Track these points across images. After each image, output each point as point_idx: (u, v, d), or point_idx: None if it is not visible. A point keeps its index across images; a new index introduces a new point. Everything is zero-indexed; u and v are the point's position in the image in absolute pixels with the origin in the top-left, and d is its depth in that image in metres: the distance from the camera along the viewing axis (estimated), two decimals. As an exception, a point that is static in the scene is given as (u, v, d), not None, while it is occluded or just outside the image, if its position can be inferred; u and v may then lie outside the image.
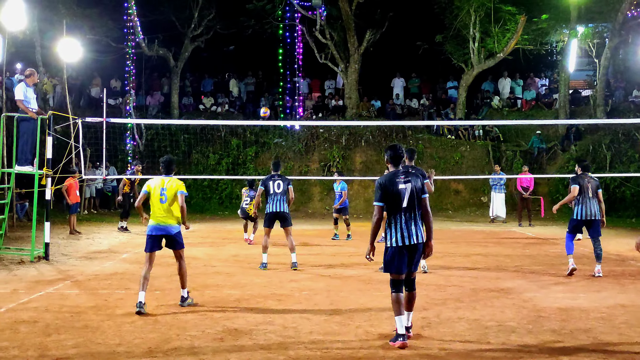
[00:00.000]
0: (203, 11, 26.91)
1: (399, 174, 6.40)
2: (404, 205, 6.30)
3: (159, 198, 7.95)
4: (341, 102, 27.64)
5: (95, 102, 26.62)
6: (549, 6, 25.02)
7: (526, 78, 28.45)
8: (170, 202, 7.94)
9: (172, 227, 7.97)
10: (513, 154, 24.96)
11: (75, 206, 16.45)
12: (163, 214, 7.93)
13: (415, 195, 6.36)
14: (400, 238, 6.28)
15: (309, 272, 10.66)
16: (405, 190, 6.31)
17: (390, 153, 6.54)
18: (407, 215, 6.31)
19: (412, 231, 6.30)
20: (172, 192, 7.97)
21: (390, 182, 6.34)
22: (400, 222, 6.30)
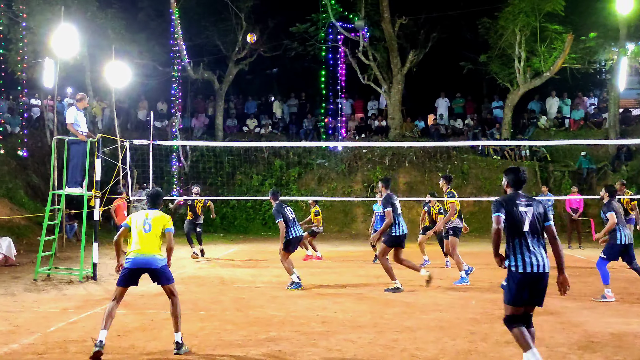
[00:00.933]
0: (247, 35, 27.30)
1: (519, 197, 5.93)
2: (526, 230, 5.75)
3: (142, 227, 7.03)
4: (384, 122, 27.58)
5: (142, 124, 27.21)
6: (597, 24, 24.55)
7: (574, 97, 27.90)
8: (155, 233, 7.02)
9: (156, 258, 6.98)
10: (561, 174, 24.44)
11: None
12: (146, 244, 6.98)
13: (538, 221, 5.81)
14: (521, 265, 5.69)
15: (353, 294, 10.56)
16: (526, 213, 5.81)
17: (511, 176, 6.08)
18: (529, 241, 5.75)
19: (535, 259, 5.69)
20: (159, 223, 7.06)
21: (511, 202, 5.86)
22: (522, 248, 5.73)
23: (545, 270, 5.67)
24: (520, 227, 5.76)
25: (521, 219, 5.77)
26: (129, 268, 6.96)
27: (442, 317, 8.68)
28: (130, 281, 7.03)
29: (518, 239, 5.76)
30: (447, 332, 7.71)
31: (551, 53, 24.60)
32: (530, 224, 5.76)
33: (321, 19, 26.67)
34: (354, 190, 24.70)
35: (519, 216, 5.78)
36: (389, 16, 26.02)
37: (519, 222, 5.77)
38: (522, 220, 5.77)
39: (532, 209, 5.82)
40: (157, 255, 7.00)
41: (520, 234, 5.76)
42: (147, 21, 27.14)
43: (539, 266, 5.65)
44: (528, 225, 5.75)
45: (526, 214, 5.79)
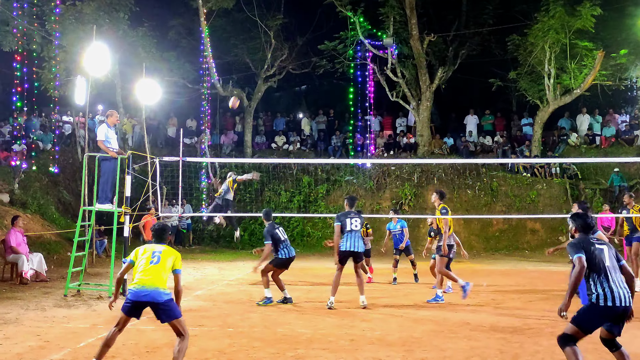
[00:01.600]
0: (276, 52, 27.57)
1: (591, 238, 6.08)
2: (608, 264, 5.90)
3: (149, 260, 6.56)
4: (413, 139, 27.51)
5: (171, 141, 27.54)
6: (627, 41, 24.26)
7: (605, 114, 27.53)
8: (163, 266, 6.53)
9: (160, 292, 6.41)
10: (592, 192, 24.07)
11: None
12: (151, 275, 6.46)
13: (615, 258, 6.01)
14: (610, 299, 5.77)
15: (382, 312, 10.48)
16: (602, 250, 5.96)
17: (580, 221, 6.22)
18: (613, 275, 5.88)
19: (621, 293, 5.81)
20: (168, 257, 6.63)
21: (586, 243, 6.00)
22: (608, 282, 5.83)
23: (628, 303, 5.82)
24: (602, 263, 5.89)
25: (601, 255, 5.93)
26: (131, 300, 6.45)
27: (472, 335, 8.56)
28: (132, 312, 6.55)
29: (602, 274, 5.86)
30: (476, 351, 7.61)
31: (581, 70, 24.35)
32: (610, 259, 5.93)
33: (350, 37, 26.79)
34: (382, 207, 24.61)
35: (599, 253, 5.94)
36: (417, 34, 26.04)
37: (600, 259, 5.91)
38: (603, 256, 5.92)
39: (607, 247, 6.01)
40: (161, 289, 6.42)
41: (603, 269, 5.87)
42: (177, 39, 27.60)
43: (622, 300, 5.78)
44: (609, 259, 5.92)
45: (603, 251, 5.95)
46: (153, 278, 6.44)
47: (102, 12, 22.39)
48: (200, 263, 18.80)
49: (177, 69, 26.59)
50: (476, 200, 24.29)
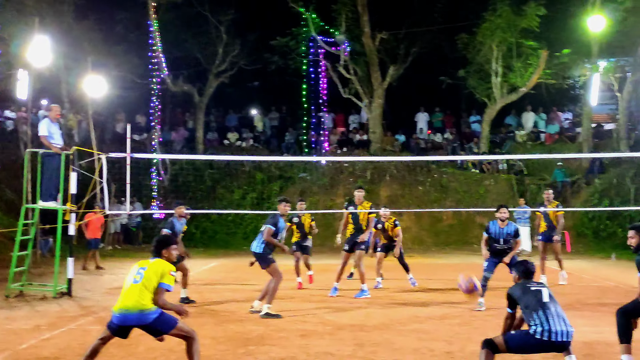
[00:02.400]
0: (227, 47, 27.28)
1: (530, 282, 6.24)
2: (545, 300, 5.97)
3: (134, 277, 5.98)
4: (365, 136, 27.68)
5: (120, 137, 26.93)
6: (570, 41, 24.98)
7: (549, 112, 28.29)
8: (145, 284, 5.90)
9: (144, 313, 5.86)
10: (537, 187, 24.71)
11: (94, 242, 16.49)
12: (132, 297, 5.88)
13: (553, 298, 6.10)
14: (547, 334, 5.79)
15: (333, 307, 10.52)
16: (541, 290, 6.06)
17: (522, 269, 6.36)
18: (549, 312, 5.90)
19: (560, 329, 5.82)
20: (155, 274, 5.97)
21: (523, 289, 6.14)
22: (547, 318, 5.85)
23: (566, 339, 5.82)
24: (540, 300, 5.95)
25: (539, 293, 6.02)
26: (116, 324, 5.95)
27: (421, 328, 8.69)
28: (119, 334, 6.05)
29: (540, 311, 5.90)
30: (425, 343, 7.72)
31: (527, 68, 24.96)
32: (549, 296, 6.02)
33: (302, 33, 26.77)
34: (335, 204, 24.69)
35: (536, 293, 6.03)
36: (369, 31, 26.21)
37: (538, 297, 5.99)
38: (541, 294, 6.00)
39: (545, 288, 6.11)
40: (146, 308, 5.86)
41: (541, 306, 5.92)
42: (125, 33, 26.92)
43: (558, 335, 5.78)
44: (547, 296, 6.00)
45: (541, 291, 6.04)
46: (134, 299, 5.85)
47: (45, 3, 21.62)
48: (150, 261, 18.52)
49: (125, 64, 25.92)
50: (427, 196, 24.63)
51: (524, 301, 6.01)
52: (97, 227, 16.54)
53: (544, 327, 5.76)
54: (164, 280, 5.93)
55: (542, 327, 5.77)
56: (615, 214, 22.14)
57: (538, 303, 5.93)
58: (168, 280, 5.95)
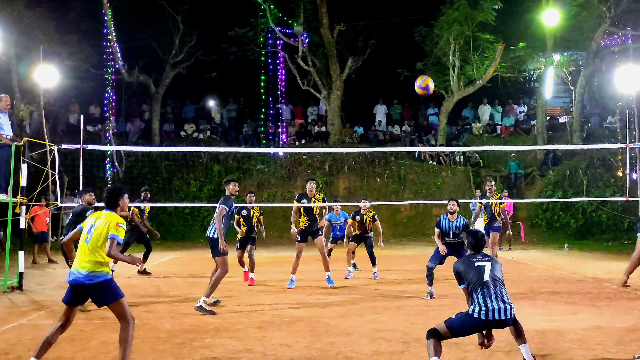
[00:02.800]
0: (184, 37, 26.93)
1: (476, 255, 6.29)
2: (485, 279, 6.07)
3: (85, 237, 6.05)
4: (324, 128, 27.69)
5: (73, 128, 26.35)
6: (525, 35, 25.44)
7: (505, 105, 28.77)
8: (95, 243, 5.96)
9: (93, 274, 5.91)
10: (493, 179, 25.09)
11: (41, 235, 16.12)
12: (84, 258, 5.95)
13: (497, 273, 6.19)
14: (483, 313, 5.93)
15: (291, 299, 10.51)
16: (484, 266, 6.13)
17: (471, 240, 6.42)
18: (490, 290, 6.02)
19: (498, 306, 5.95)
20: (102, 231, 5.99)
21: (467, 263, 6.23)
22: (484, 296, 5.99)
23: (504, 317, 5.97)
24: (481, 279, 6.08)
25: (482, 270, 6.13)
26: (69, 284, 6.01)
27: (378, 319, 8.74)
28: (71, 298, 6.03)
29: (479, 289, 6.04)
30: (382, 333, 7.77)
31: (483, 62, 25.32)
32: (490, 273, 6.12)
33: (260, 24, 26.58)
34: (293, 196, 24.59)
35: (479, 269, 6.14)
36: (327, 22, 26.19)
37: (480, 274, 6.11)
38: (483, 271, 6.12)
39: (490, 263, 6.20)
40: (95, 271, 5.90)
41: (480, 284, 6.06)
42: (78, 22, 26.24)
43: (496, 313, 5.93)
44: (489, 274, 6.10)
45: (484, 267, 6.15)
46: (84, 260, 5.92)
47: (-5, -10, 21.12)
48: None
49: (79, 53, 25.34)
50: (385, 187, 24.81)
51: (468, 279, 6.13)
52: (43, 221, 16.17)
53: (481, 306, 5.90)
54: (112, 231, 5.93)
55: (480, 306, 5.91)
56: (569, 205, 22.72)
57: (478, 281, 6.05)
58: (118, 232, 5.96)
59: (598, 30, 23.72)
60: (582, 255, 17.67)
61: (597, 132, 25.74)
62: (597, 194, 22.35)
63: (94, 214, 6.23)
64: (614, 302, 9.96)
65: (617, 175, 22.59)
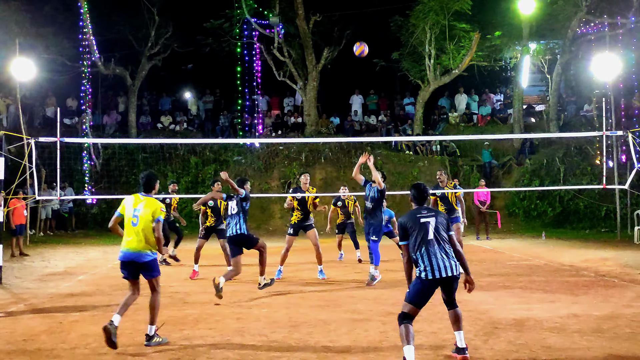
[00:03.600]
0: (160, 30, 26.76)
1: (421, 210, 6.30)
2: (430, 238, 6.10)
3: (130, 220, 7.02)
4: (300, 119, 27.74)
5: (50, 121, 26.13)
6: (501, 23, 25.65)
7: (481, 94, 29.01)
8: (142, 225, 6.97)
9: (141, 253, 6.98)
10: (470, 168, 25.40)
11: (19, 228, 16.04)
12: (133, 238, 6.99)
13: (441, 230, 6.17)
14: (430, 272, 5.99)
15: (268, 290, 10.59)
16: (429, 223, 6.14)
17: (414, 192, 6.44)
18: (435, 248, 6.06)
19: (444, 264, 6.00)
20: (148, 213, 7.00)
21: (412, 219, 6.21)
22: (429, 255, 6.03)
23: (451, 273, 6.01)
24: (425, 237, 6.11)
25: (426, 228, 6.15)
26: (120, 261, 7.09)
27: (356, 309, 8.87)
28: (128, 272, 7.10)
29: (423, 248, 6.08)
30: (360, 323, 7.89)
31: (459, 51, 25.48)
32: (434, 231, 6.14)
33: (235, 15, 26.49)
34: (271, 187, 24.74)
35: (424, 227, 6.15)
36: (303, 13, 26.17)
37: (425, 232, 6.13)
38: (427, 229, 6.14)
39: (435, 218, 6.20)
40: (142, 251, 6.98)
41: (424, 242, 6.10)
42: (54, 14, 25.96)
43: (442, 270, 5.99)
44: (432, 232, 6.12)
45: (429, 224, 6.16)
46: (136, 240, 6.96)
47: (-31, -17, 20.82)
48: (83, 247, 18.18)
49: (55, 46, 25.09)
50: (362, 177, 24.89)
51: (413, 237, 6.15)
52: (21, 214, 16.09)
53: (427, 267, 5.98)
54: (157, 214, 7.02)
55: (425, 266, 5.99)
56: (545, 193, 22.98)
57: (422, 240, 6.10)
58: (159, 214, 7.03)
59: (574, 19, 23.90)
60: (560, 244, 17.94)
61: (573, 121, 26.09)
62: (574, 182, 22.61)
63: (131, 200, 7.14)
64: (592, 290, 10.17)
65: (594, 163, 22.84)
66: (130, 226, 7.02)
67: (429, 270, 5.96)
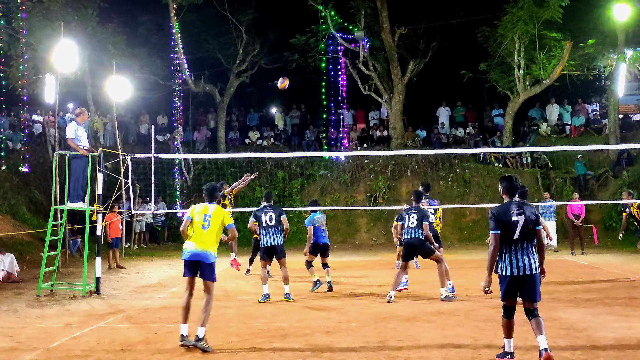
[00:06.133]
0: (247, 47, 27.46)
1: (512, 206, 6.48)
2: (515, 237, 6.36)
3: (202, 224, 7.74)
4: (386, 132, 27.63)
5: (144, 138, 27.28)
6: (595, 31, 24.63)
7: (574, 104, 27.94)
8: (213, 229, 7.74)
9: (209, 255, 7.68)
10: (563, 181, 24.44)
11: (115, 241, 16.72)
12: (203, 241, 7.69)
13: (529, 227, 6.41)
14: (509, 269, 6.38)
15: (357, 304, 10.54)
16: (518, 222, 6.36)
17: (505, 184, 6.62)
18: (517, 247, 6.37)
19: (523, 262, 6.37)
20: (218, 220, 7.78)
21: (504, 213, 6.44)
22: (511, 254, 6.38)
23: (532, 272, 6.38)
24: (511, 236, 6.39)
25: (513, 228, 6.44)
26: (186, 260, 7.71)
27: (446, 324, 8.67)
28: (191, 271, 7.73)
29: (509, 245, 6.42)
30: (450, 339, 7.70)
31: (550, 60, 24.65)
32: (520, 231, 6.40)
33: (321, 31, 26.80)
34: (356, 201, 24.71)
35: (510, 226, 6.43)
36: (388, 26, 26.14)
37: (511, 231, 6.42)
38: (514, 229, 6.43)
39: (524, 217, 6.44)
40: (212, 252, 7.69)
41: (510, 241, 6.40)
42: (147, 35, 27.30)
43: (521, 269, 6.37)
44: (519, 233, 6.40)
45: (518, 223, 6.42)
46: (206, 242, 7.69)
47: (70, 8, 22.08)
48: (175, 260, 18.71)
49: (148, 66, 26.32)
50: (449, 191, 24.49)
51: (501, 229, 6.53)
52: (117, 227, 16.78)
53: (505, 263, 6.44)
54: (227, 222, 7.90)
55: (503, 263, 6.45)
56: (645, 207, 21.75)
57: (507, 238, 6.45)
58: (229, 221, 7.92)
59: (672, 23, 22.74)
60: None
61: (672, 130, 24.72)
62: (676, 194, 21.36)
63: (200, 207, 7.87)
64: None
65: (696, 173, 21.55)
66: (201, 230, 7.71)
67: (508, 268, 6.38)
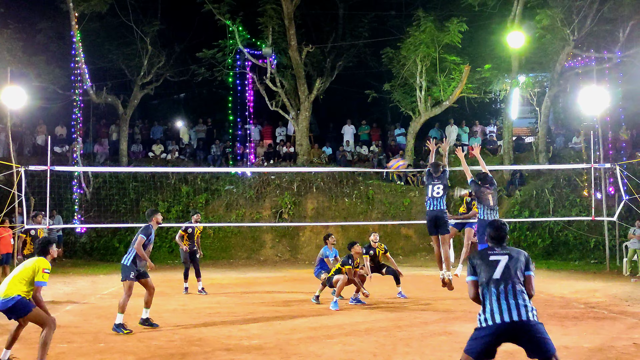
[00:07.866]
0: (153, 59, 26.86)
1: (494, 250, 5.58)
2: (497, 277, 5.36)
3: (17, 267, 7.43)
4: (292, 148, 27.81)
5: (41, 150, 26.05)
6: (491, 56, 25.94)
7: (472, 125, 29.20)
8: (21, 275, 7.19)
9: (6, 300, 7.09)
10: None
11: (5, 257, 15.87)
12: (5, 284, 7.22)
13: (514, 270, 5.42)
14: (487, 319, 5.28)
15: (259, 321, 10.51)
16: (499, 261, 5.44)
17: (490, 231, 5.71)
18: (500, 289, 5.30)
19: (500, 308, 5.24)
20: (30, 268, 7.22)
21: (486, 255, 5.55)
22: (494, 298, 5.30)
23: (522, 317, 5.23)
24: (491, 277, 5.42)
25: (496, 266, 5.48)
26: None
27: (347, 341, 8.79)
28: None
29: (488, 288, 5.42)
30: (350, 355, 7.82)
31: (450, 83, 25.69)
32: (503, 272, 5.42)
33: (229, 45, 26.66)
34: (262, 217, 24.67)
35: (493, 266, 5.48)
36: (296, 44, 26.41)
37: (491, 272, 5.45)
38: (496, 268, 5.46)
39: (508, 258, 5.51)
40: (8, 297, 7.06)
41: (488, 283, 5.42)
42: (46, 43, 26.11)
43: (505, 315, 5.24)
44: (501, 272, 5.42)
45: (499, 262, 5.48)
46: (5, 286, 7.13)
47: (-39, 12, 20.92)
48: (71, 277, 17.99)
49: (47, 74, 25.14)
50: (353, 208, 24.93)
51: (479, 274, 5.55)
52: (8, 242, 15.93)
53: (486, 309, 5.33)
54: (37, 277, 7.11)
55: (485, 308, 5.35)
56: (535, 224, 23.00)
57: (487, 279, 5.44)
58: (41, 278, 7.12)
59: (562, 52, 24.22)
60: (550, 275, 17.89)
61: (562, 152, 26.24)
62: (564, 213, 22.67)
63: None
64: (582, 322, 10.14)
65: (583, 195, 22.95)
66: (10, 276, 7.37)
67: (489, 314, 5.22)
